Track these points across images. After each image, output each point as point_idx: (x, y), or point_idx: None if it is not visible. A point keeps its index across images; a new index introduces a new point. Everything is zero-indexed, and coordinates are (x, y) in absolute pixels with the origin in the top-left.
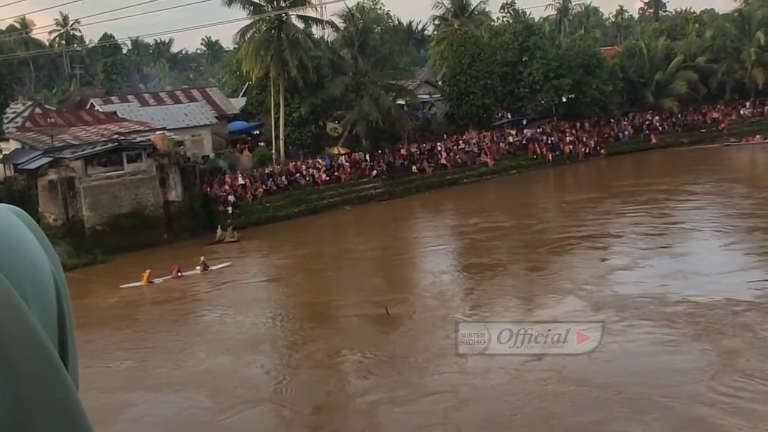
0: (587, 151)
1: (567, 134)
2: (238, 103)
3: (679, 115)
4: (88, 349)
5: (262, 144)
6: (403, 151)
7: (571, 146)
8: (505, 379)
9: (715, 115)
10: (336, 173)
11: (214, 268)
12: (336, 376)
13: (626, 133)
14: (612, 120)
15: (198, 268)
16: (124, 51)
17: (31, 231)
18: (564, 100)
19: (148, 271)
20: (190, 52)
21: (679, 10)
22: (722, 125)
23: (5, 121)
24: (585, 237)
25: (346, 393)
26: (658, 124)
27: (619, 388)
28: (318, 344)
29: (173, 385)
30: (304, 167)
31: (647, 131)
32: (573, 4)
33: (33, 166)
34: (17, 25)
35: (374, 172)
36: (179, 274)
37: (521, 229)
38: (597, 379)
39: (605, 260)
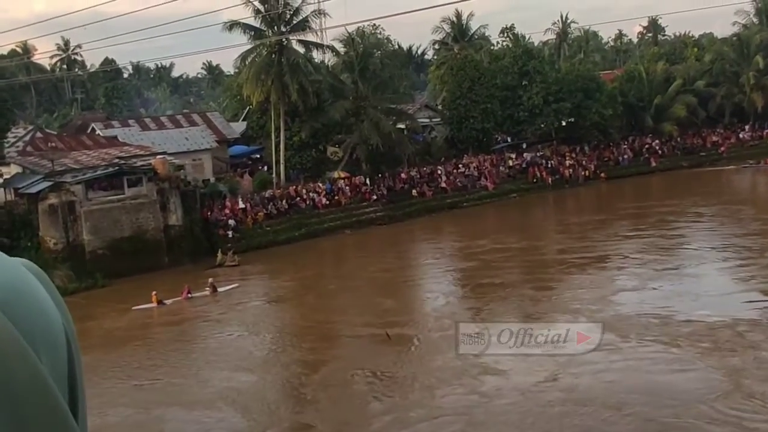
0: (587, 174)
1: (567, 158)
2: (239, 127)
3: (679, 139)
4: (113, 367)
5: (263, 168)
6: (403, 175)
7: (570, 170)
8: (517, 400)
9: (715, 138)
10: (336, 197)
11: (222, 289)
12: (354, 395)
13: (626, 156)
14: (612, 144)
15: (207, 289)
16: (125, 75)
17: (42, 285)
18: (564, 123)
19: (154, 292)
20: (190, 77)
21: (677, 34)
22: (722, 149)
23: (6, 145)
24: (593, 258)
25: (366, 413)
26: (657, 147)
27: (628, 409)
28: (334, 364)
29: (204, 402)
30: (304, 191)
31: (647, 155)
32: (572, 28)
33: (34, 190)
34: (19, 50)
35: (374, 196)
36: (189, 295)
37: (528, 251)
38: (606, 399)
39: (613, 280)
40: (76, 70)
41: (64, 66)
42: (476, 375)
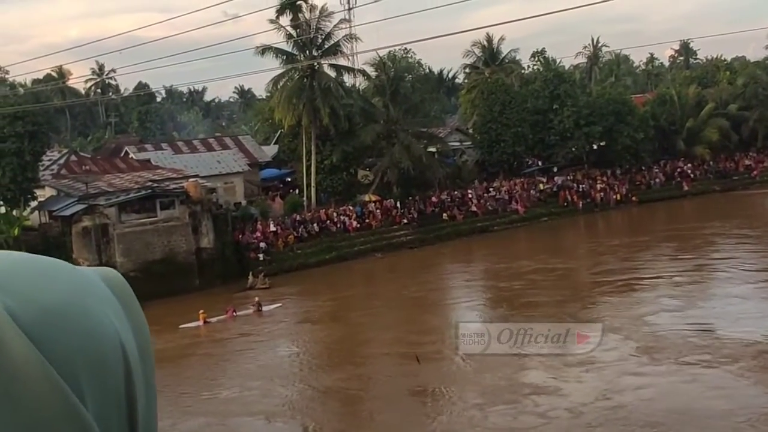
0: (618, 198)
1: (598, 181)
2: (270, 150)
3: (711, 163)
4: (180, 381)
5: (294, 191)
6: (433, 199)
7: (602, 194)
8: (565, 420)
9: (748, 162)
10: (367, 220)
11: (267, 308)
12: (408, 412)
13: (657, 180)
14: (643, 167)
15: (252, 307)
16: (158, 99)
17: (118, 298)
18: (595, 147)
19: (202, 311)
20: (222, 101)
21: (709, 57)
22: (755, 172)
23: (41, 168)
24: (632, 279)
25: (421, 430)
26: (690, 171)
27: (671, 429)
28: (386, 381)
29: (274, 413)
30: (335, 214)
31: (679, 179)
32: (603, 52)
33: (68, 212)
34: (54, 75)
35: (405, 220)
36: (234, 314)
37: (566, 272)
38: (650, 418)
39: (655, 301)
40: (111, 94)
41: (99, 90)
42: (526, 394)
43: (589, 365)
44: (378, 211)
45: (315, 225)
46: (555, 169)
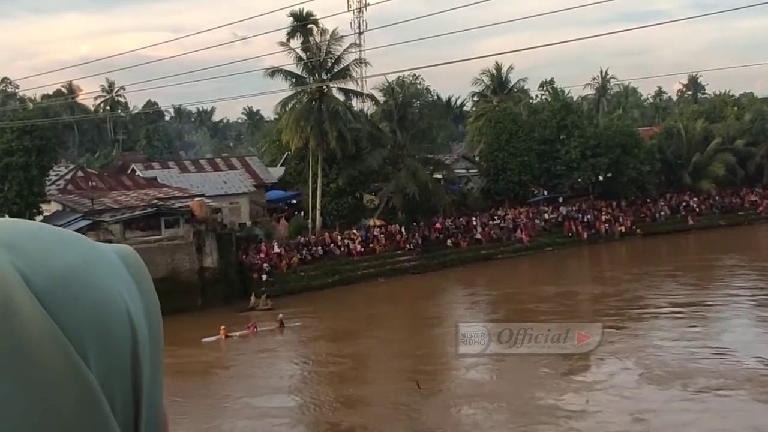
0: (623, 230)
1: (603, 213)
2: (277, 172)
3: (717, 197)
4: (224, 395)
5: (299, 213)
6: (438, 225)
7: (606, 225)
8: None
9: (753, 198)
10: (371, 245)
11: (288, 325)
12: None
13: (663, 213)
14: (649, 200)
15: (276, 323)
16: (167, 118)
17: (131, 275)
18: (601, 178)
19: (223, 326)
20: (231, 121)
21: (717, 92)
22: (760, 208)
23: (48, 183)
24: (649, 307)
25: None
26: (695, 205)
27: None
28: (422, 401)
29: (331, 422)
30: (339, 238)
31: (684, 212)
32: (612, 84)
33: (73, 228)
34: (64, 90)
35: (409, 245)
36: (255, 330)
37: (579, 301)
38: None
39: (677, 327)
40: (119, 111)
41: (108, 107)
42: (562, 417)
43: (613, 389)
44: (382, 235)
45: (319, 248)
46: (560, 199)
